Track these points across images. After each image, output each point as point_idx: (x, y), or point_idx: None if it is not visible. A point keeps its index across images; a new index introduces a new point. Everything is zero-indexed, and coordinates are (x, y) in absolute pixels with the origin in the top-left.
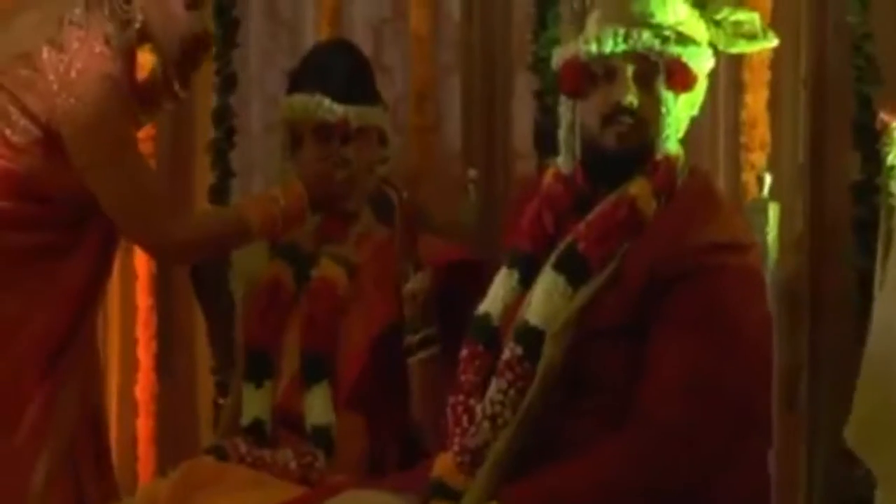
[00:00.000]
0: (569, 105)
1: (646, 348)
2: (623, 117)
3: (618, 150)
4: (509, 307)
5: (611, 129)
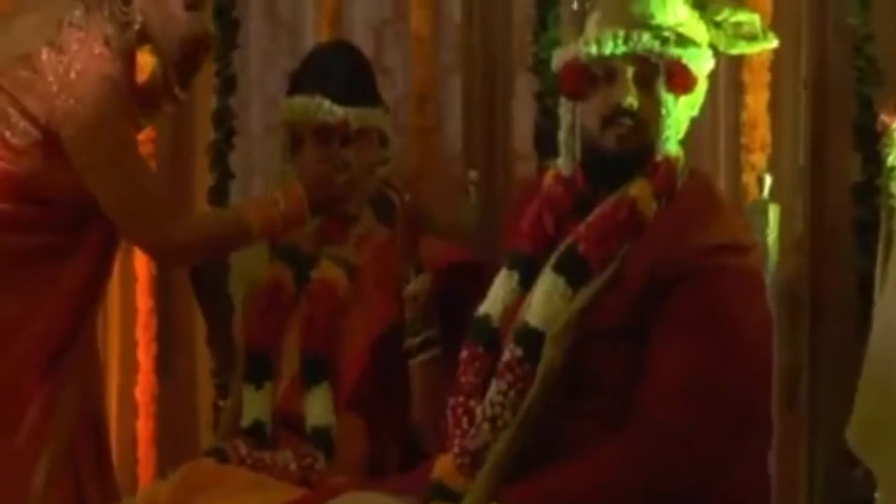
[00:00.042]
0: (569, 106)
1: (646, 349)
2: (623, 119)
3: (618, 152)
4: (509, 308)
5: (611, 131)
